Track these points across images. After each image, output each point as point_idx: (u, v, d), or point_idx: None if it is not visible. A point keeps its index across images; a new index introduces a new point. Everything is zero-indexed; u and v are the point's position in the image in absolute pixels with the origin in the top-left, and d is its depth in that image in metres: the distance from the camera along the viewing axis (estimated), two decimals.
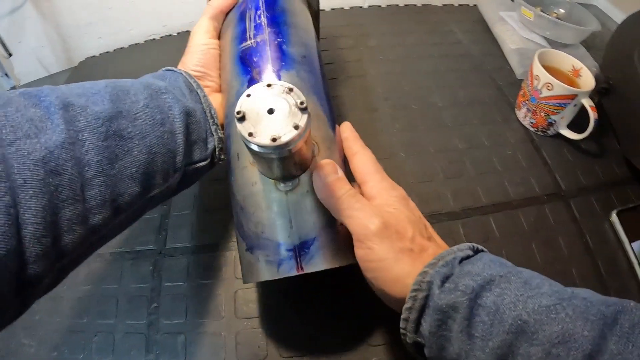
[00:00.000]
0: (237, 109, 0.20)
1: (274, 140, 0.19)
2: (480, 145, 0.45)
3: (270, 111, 0.20)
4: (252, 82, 0.28)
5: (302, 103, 0.20)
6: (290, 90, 0.21)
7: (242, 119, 0.20)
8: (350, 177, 0.28)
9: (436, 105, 0.51)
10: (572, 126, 0.44)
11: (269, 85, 0.21)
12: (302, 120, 0.20)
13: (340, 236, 0.25)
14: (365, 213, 0.23)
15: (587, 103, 0.40)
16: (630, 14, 0.44)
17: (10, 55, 0.59)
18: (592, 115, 0.39)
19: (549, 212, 0.40)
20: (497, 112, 0.49)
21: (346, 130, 0.30)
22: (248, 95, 0.21)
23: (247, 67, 0.29)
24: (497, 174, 0.43)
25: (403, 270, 0.22)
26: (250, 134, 0.19)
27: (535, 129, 0.46)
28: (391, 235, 0.23)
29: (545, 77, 0.40)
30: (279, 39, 0.30)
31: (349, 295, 0.34)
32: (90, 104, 0.23)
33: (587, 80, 0.42)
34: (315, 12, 0.39)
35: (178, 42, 0.67)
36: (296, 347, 0.32)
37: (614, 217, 0.39)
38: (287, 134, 0.19)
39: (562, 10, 0.59)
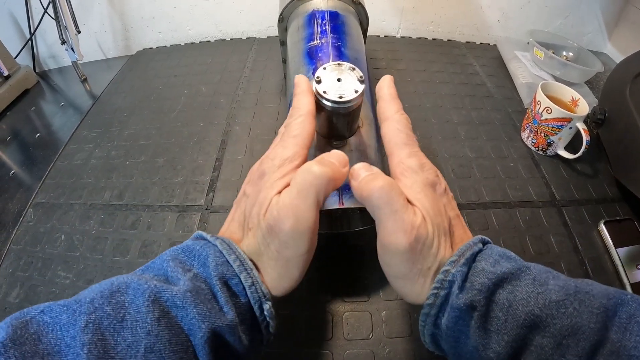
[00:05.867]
0: (316, 75, 0.30)
1: (340, 97, 0.29)
2: (487, 156, 0.55)
3: (339, 80, 0.30)
4: (316, 70, 0.36)
5: (361, 77, 0.30)
6: (353, 69, 0.31)
7: (319, 82, 0.30)
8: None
9: (452, 121, 0.61)
10: (569, 148, 0.54)
11: (339, 64, 0.31)
12: (360, 88, 0.30)
13: None
14: (396, 225, 0.24)
15: (581, 126, 0.49)
16: (626, 57, 0.55)
17: (79, 32, 0.68)
18: (585, 136, 0.49)
19: (542, 214, 0.48)
20: (504, 132, 0.59)
21: (383, 87, 0.30)
22: (324, 68, 0.31)
23: (312, 59, 0.40)
24: (499, 180, 0.52)
25: (414, 291, 0.25)
26: (325, 92, 0.29)
27: (536, 149, 0.56)
28: (415, 255, 0.24)
29: (545, 102, 0.51)
30: (338, 43, 0.41)
31: (365, 259, 0.43)
32: None
33: (584, 109, 0.52)
34: (364, 29, 0.52)
35: (230, 46, 0.80)
36: (321, 293, 0.40)
37: (601, 226, 0.46)
38: (349, 95, 0.29)
39: (571, 54, 0.72)
